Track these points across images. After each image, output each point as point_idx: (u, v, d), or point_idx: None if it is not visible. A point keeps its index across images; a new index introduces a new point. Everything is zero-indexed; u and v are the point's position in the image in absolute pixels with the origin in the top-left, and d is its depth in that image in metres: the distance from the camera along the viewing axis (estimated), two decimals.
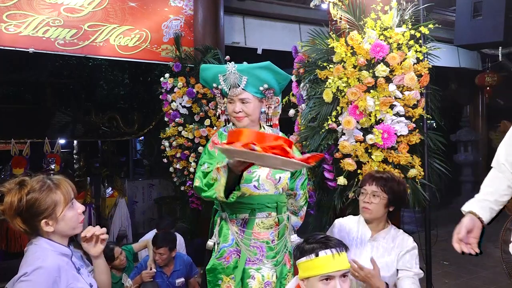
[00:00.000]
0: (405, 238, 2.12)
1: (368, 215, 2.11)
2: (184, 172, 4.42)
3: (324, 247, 1.56)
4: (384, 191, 2.07)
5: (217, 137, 2.14)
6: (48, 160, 5.07)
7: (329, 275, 1.54)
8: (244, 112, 2.05)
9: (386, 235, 2.12)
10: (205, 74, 2.11)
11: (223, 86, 2.07)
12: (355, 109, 2.57)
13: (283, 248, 2.10)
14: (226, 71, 2.05)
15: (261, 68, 2.03)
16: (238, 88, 2.03)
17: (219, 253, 2.06)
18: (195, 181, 2.04)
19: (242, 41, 5.50)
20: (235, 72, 2.04)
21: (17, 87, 8.23)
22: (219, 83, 2.08)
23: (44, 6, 4.06)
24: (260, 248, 2.04)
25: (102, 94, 8.11)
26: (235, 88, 2.04)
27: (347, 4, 2.74)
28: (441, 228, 3.17)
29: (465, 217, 1.82)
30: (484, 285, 4.47)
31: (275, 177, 2.07)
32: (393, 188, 2.09)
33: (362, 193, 2.13)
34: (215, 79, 2.09)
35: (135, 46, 4.52)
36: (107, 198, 6.23)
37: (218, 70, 2.08)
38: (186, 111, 4.36)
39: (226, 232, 2.08)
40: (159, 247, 3.35)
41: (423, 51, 2.61)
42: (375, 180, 2.10)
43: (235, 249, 2.05)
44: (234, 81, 2.04)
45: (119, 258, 3.41)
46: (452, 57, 7.34)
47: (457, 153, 8.75)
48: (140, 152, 10.74)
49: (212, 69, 2.10)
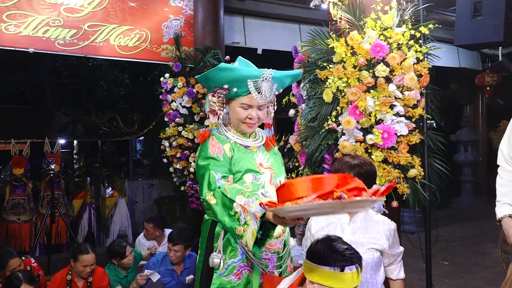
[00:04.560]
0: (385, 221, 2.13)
1: None
2: (184, 172, 4.42)
3: (350, 263, 1.55)
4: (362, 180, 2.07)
5: (216, 140, 1.94)
6: (48, 160, 5.06)
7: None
8: (258, 118, 1.95)
9: (364, 216, 2.12)
10: (224, 74, 1.86)
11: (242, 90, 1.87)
12: (355, 109, 2.57)
13: (287, 255, 2.04)
14: (259, 77, 1.86)
15: (292, 76, 1.97)
16: (270, 96, 1.88)
17: (226, 270, 1.88)
18: (206, 194, 1.79)
19: (242, 41, 5.50)
20: (270, 79, 1.88)
21: (17, 87, 8.24)
22: (240, 86, 1.87)
23: (44, 6, 4.06)
24: (271, 259, 1.95)
25: (102, 94, 8.11)
26: (265, 96, 1.86)
27: (347, 4, 2.74)
28: (441, 228, 3.17)
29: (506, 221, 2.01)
30: (484, 285, 4.47)
31: (276, 182, 2.00)
32: (368, 173, 2.09)
33: None
34: (235, 82, 1.86)
35: (135, 46, 4.52)
36: (107, 198, 6.23)
37: (248, 74, 1.86)
38: (186, 111, 4.36)
39: (235, 246, 1.90)
40: (175, 244, 3.34)
41: (423, 51, 2.61)
42: (352, 170, 2.06)
43: (246, 264, 1.90)
44: (266, 88, 1.86)
45: (128, 257, 3.47)
46: (452, 57, 7.34)
47: (457, 153, 8.75)
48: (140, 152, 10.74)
49: (237, 72, 1.87)
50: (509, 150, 2.22)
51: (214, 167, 1.85)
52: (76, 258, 3.13)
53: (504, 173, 2.24)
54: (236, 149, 1.95)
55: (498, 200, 2.22)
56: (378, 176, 2.54)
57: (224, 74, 1.86)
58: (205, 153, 1.90)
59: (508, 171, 2.22)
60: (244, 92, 1.89)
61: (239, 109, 1.93)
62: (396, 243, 2.13)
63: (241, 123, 1.95)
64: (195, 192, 4.40)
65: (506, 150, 2.25)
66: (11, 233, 5.15)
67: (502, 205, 2.18)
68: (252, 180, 1.91)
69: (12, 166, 5.21)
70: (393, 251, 2.11)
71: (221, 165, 1.87)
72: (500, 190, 2.22)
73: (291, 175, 3.07)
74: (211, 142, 1.93)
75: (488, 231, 6.16)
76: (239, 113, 1.93)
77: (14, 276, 2.82)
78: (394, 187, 2.06)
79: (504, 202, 2.17)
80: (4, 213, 5.18)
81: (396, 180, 2.56)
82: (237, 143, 1.97)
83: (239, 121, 1.95)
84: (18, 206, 5.17)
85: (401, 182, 2.58)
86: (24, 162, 5.19)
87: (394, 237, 2.12)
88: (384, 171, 2.56)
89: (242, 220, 1.63)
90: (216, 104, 1.94)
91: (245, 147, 1.98)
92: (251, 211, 1.60)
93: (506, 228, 2.07)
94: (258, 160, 1.98)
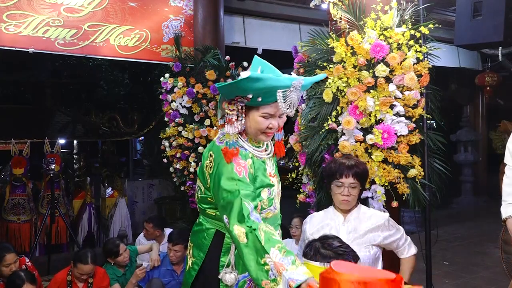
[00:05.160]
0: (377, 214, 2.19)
1: (347, 206, 2.15)
2: (184, 172, 4.42)
3: (341, 259, 1.56)
4: (359, 180, 2.11)
5: (239, 157, 1.77)
6: (48, 160, 5.06)
7: None
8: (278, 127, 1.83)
9: (357, 214, 2.16)
10: (253, 84, 1.67)
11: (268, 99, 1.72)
12: (355, 109, 2.57)
13: None
14: (290, 87, 1.71)
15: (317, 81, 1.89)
16: (297, 106, 1.77)
17: (237, 286, 1.81)
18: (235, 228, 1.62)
19: (242, 41, 5.50)
20: (299, 88, 1.74)
21: (17, 87, 8.25)
22: (267, 96, 1.71)
23: (44, 6, 4.06)
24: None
25: (102, 94, 8.12)
26: (293, 106, 1.73)
27: (347, 4, 2.74)
28: (441, 228, 3.17)
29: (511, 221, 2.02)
30: (484, 285, 4.47)
31: (280, 189, 1.96)
32: (364, 172, 2.16)
33: (339, 186, 2.11)
34: (263, 92, 1.70)
35: (135, 46, 4.52)
36: (107, 198, 6.23)
37: (279, 85, 1.70)
38: (186, 111, 4.36)
39: None
40: (176, 243, 3.34)
41: (423, 51, 2.61)
42: (351, 171, 2.09)
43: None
44: (295, 98, 1.72)
45: (123, 255, 3.44)
46: (452, 57, 7.35)
47: (457, 153, 8.75)
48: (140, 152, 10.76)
49: (268, 82, 1.68)
50: None
51: (245, 192, 1.68)
52: (75, 265, 3.13)
53: (511, 172, 2.20)
54: (254, 162, 1.83)
55: (504, 199, 2.16)
56: (378, 176, 2.55)
57: (254, 84, 1.67)
58: (230, 173, 1.72)
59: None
60: (269, 101, 1.73)
61: (260, 119, 1.76)
62: (394, 229, 2.18)
63: (260, 133, 1.80)
64: (195, 192, 4.39)
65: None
66: (11, 233, 5.14)
67: (507, 205, 2.13)
68: (267, 195, 1.84)
69: (12, 166, 5.21)
70: (394, 237, 2.16)
71: (250, 189, 1.72)
72: (506, 190, 2.17)
73: (291, 175, 3.07)
74: (238, 161, 1.76)
75: (488, 231, 6.16)
76: (260, 123, 1.77)
77: (16, 275, 2.82)
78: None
79: (510, 202, 2.12)
80: (4, 213, 5.18)
81: (396, 180, 2.56)
82: (254, 155, 1.84)
83: (259, 131, 1.79)
84: (18, 206, 5.17)
85: (401, 182, 2.58)
86: (24, 162, 5.19)
87: (390, 226, 2.17)
88: (384, 171, 2.56)
89: (271, 275, 1.50)
90: (235, 113, 1.75)
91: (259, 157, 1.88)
92: (285, 275, 1.45)
93: (511, 228, 2.04)
94: (268, 169, 1.90)
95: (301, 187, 3.03)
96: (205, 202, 1.90)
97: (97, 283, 3.22)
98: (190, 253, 1.98)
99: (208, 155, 1.83)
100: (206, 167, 1.83)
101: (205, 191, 1.87)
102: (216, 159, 1.78)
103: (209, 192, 1.84)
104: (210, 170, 1.79)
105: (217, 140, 1.83)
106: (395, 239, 2.17)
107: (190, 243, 2.00)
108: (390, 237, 2.15)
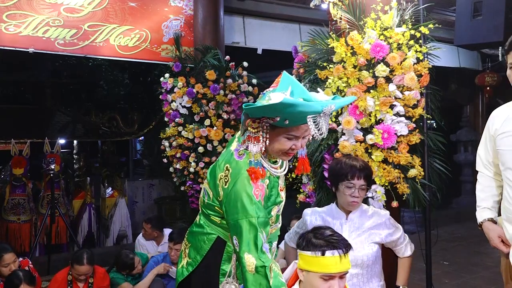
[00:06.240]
0: (379, 213, 2.22)
1: (356, 207, 2.18)
2: (184, 172, 4.42)
3: (331, 247, 1.56)
4: (368, 182, 2.14)
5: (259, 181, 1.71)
6: (48, 160, 5.05)
7: (330, 275, 1.55)
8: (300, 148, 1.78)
9: (359, 212, 2.19)
10: (283, 109, 1.62)
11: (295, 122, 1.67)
12: (355, 109, 2.57)
13: None
14: (320, 113, 1.64)
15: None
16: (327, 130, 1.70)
17: None
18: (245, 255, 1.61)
19: (242, 41, 5.50)
20: (329, 114, 1.68)
21: (17, 87, 8.25)
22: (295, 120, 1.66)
23: (44, 6, 4.06)
24: None
25: (102, 94, 8.12)
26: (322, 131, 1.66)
27: (347, 4, 2.74)
28: (441, 228, 3.17)
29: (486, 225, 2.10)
30: (484, 285, 4.46)
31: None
32: (371, 174, 2.20)
33: (349, 187, 2.11)
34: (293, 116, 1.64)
35: (135, 46, 4.52)
36: (107, 198, 6.22)
37: (310, 111, 1.64)
38: (186, 111, 4.36)
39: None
40: (177, 243, 3.32)
41: (423, 51, 2.61)
42: (362, 173, 2.10)
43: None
44: (324, 123, 1.66)
45: (137, 267, 3.48)
46: (452, 57, 7.34)
47: (457, 153, 8.75)
48: (140, 152, 10.76)
49: (299, 108, 1.62)
50: (486, 154, 2.22)
51: (262, 220, 1.66)
52: (72, 265, 3.13)
53: (483, 178, 2.25)
54: (271, 181, 1.80)
55: (478, 205, 2.24)
56: (378, 176, 2.55)
57: (285, 109, 1.61)
58: (248, 196, 1.67)
59: (486, 176, 2.23)
60: (296, 123, 1.69)
61: (284, 140, 1.72)
62: (395, 228, 2.21)
63: (282, 153, 1.76)
64: (195, 192, 4.40)
65: (483, 155, 2.24)
66: (11, 233, 5.14)
67: (482, 210, 2.21)
68: (276, 212, 1.84)
69: (12, 166, 5.21)
70: (394, 237, 2.20)
71: (264, 215, 1.69)
72: (479, 196, 2.26)
73: (291, 175, 3.07)
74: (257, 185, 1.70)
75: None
76: (283, 144, 1.72)
77: (14, 275, 2.82)
78: None
79: (484, 207, 2.20)
80: (4, 213, 5.18)
81: (396, 180, 2.57)
82: (271, 173, 1.81)
83: (281, 151, 1.75)
84: (18, 206, 5.17)
85: (401, 182, 2.58)
86: (24, 162, 5.19)
87: (390, 225, 2.20)
88: (384, 171, 2.56)
89: None
90: (260, 132, 1.69)
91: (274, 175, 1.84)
92: None
93: (487, 231, 2.12)
94: (280, 184, 1.87)
95: (301, 187, 3.03)
96: (211, 209, 1.85)
97: (97, 283, 3.22)
98: (185, 252, 1.95)
99: (224, 168, 1.76)
100: (220, 179, 1.76)
101: (213, 199, 1.82)
102: (233, 175, 1.71)
103: (217, 202, 1.79)
104: (225, 185, 1.73)
105: (236, 153, 1.76)
106: (394, 238, 2.20)
107: (187, 242, 1.97)
108: (390, 235, 2.18)
